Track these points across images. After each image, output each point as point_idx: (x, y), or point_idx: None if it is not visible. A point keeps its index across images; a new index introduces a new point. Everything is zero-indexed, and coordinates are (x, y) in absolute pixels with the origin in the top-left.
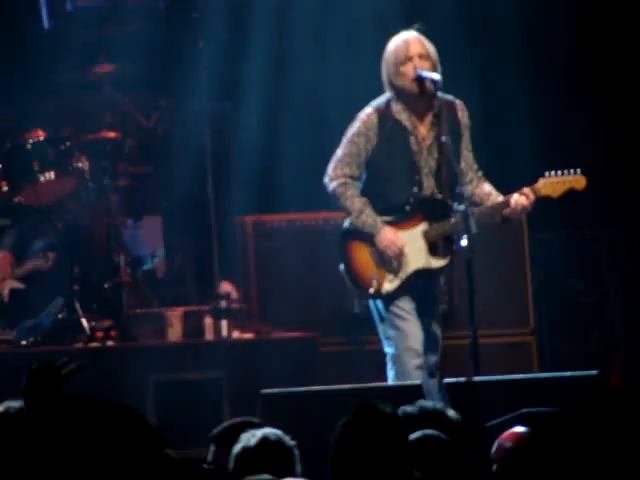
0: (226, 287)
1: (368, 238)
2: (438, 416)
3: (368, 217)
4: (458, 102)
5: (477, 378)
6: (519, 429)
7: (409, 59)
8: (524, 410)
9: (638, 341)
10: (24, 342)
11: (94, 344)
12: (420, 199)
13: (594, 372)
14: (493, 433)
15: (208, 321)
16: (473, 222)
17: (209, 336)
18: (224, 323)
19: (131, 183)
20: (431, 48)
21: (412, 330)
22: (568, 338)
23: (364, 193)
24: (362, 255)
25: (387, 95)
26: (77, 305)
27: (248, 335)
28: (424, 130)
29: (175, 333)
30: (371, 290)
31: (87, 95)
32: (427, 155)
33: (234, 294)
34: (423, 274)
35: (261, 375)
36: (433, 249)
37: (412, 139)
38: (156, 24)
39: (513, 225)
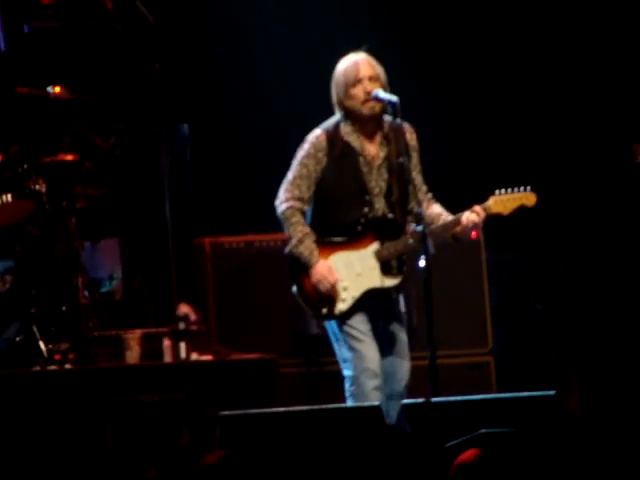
0: (184, 309)
1: (321, 258)
2: None
3: (305, 249)
4: (406, 125)
5: (435, 399)
6: (476, 450)
7: (359, 81)
8: (482, 430)
9: (595, 362)
10: None
11: (52, 367)
12: (371, 219)
13: (551, 393)
14: (452, 454)
15: (167, 343)
16: (431, 243)
17: (168, 358)
18: (183, 345)
19: (89, 205)
20: (380, 69)
21: (368, 351)
22: (526, 358)
23: (315, 214)
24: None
25: (336, 117)
26: (34, 328)
27: (207, 357)
28: (374, 150)
29: (133, 355)
30: (324, 311)
31: (45, 117)
32: (377, 176)
33: (193, 316)
34: (377, 294)
35: (220, 397)
36: (385, 268)
37: (361, 160)
38: (113, 47)
39: (470, 245)
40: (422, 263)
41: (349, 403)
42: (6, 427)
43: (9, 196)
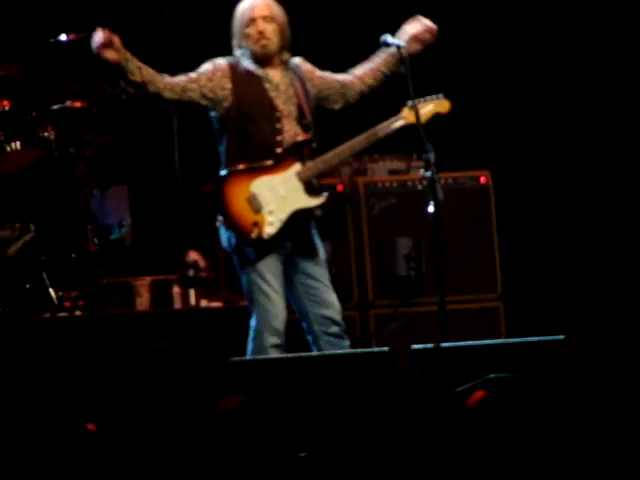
0: (194, 256)
1: (243, 185)
2: None
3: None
4: (296, 58)
5: (445, 344)
6: (484, 392)
7: (252, 21)
8: (491, 375)
9: (605, 305)
10: None
11: (62, 314)
12: (289, 143)
13: (561, 337)
14: (461, 398)
15: (176, 290)
16: (440, 188)
17: (177, 305)
18: (192, 292)
19: (97, 153)
20: (277, 10)
21: (274, 308)
22: (536, 303)
23: (231, 144)
24: (238, 203)
25: (235, 55)
26: (44, 275)
27: (216, 304)
28: (277, 76)
29: (143, 302)
30: (253, 235)
31: (53, 64)
32: (285, 99)
33: (202, 263)
34: (302, 215)
35: (229, 343)
36: (309, 189)
37: (267, 85)
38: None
39: (480, 190)
40: (431, 209)
41: (248, 355)
42: (16, 374)
43: (18, 143)
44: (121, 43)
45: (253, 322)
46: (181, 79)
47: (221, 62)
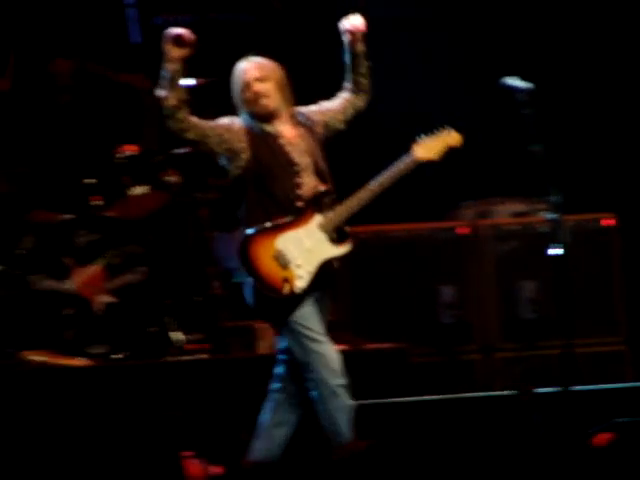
0: None
1: (268, 243)
2: None
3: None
4: (302, 109)
5: (572, 387)
6: (610, 435)
7: (247, 85)
8: (617, 419)
9: None
10: (116, 356)
11: (186, 357)
12: (308, 196)
13: None
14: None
15: None
16: (564, 231)
17: None
18: None
19: (221, 196)
20: (270, 67)
21: (329, 351)
22: None
23: (251, 202)
24: (266, 261)
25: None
26: (169, 318)
27: (340, 346)
28: (289, 132)
29: (265, 345)
30: (285, 291)
31: None
32: (299, 153)
33: None
34: (328, 266)
35: (354, 386)
36: (332, 238)
37: (281, 140)
38: (245, 38)
39: (604, 232)
40: (552, 251)
41: (320, 407)
42: (141, 416)
43: (143, 188)
44: (187, 54)
45: (311, 374)
46: (202, 123)
47: (236, 120)
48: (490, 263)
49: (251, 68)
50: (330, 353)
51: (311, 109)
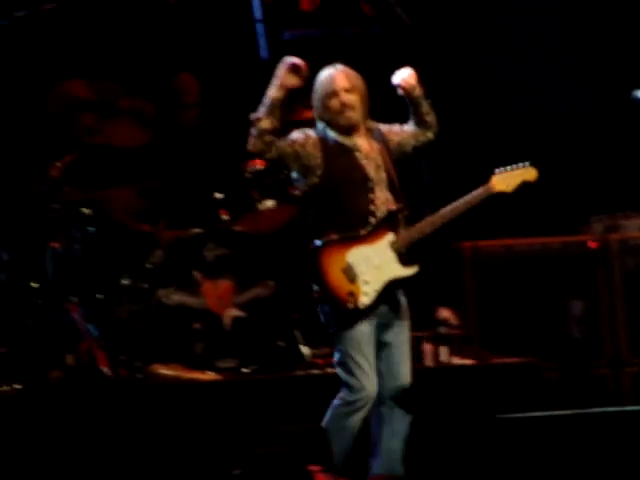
0: (445, 313)
1: (339, 256)
2: None
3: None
4: (378, 125)
5: None
6: None
7: (335, 94)
8: None
9: None
10: (245, 370)
11: (314, 371)
12: (382, 212)
13: None
14: None
15: (427, 347)
16: None
17: (429, 362)
18: (443, 349)
19: None
20: (357, 79)
21: (368, 384)
22: None
23: (323, 214)
24: (334, 273)
25: (318, 127)
26: (297, 333)
27: (468, 361)
28: (365, 145)
29: None
30: (349, 305)
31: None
32: (375, 167)
33: (453, 320)
34: (395, 286)
35: (482, 401)
36: (402, 258)
37: (357, 154)
38: (372, 52)
39: None
40: None
41: (333, 420)
42: (271, 429)
43: (271, 202)
44: (298, 85)
45: (342, 393)
46: (280, 143)
47: (311, 133)
48: (619, 277)
49: (340, 77)
50: (369, 384)
51: (385, 126)
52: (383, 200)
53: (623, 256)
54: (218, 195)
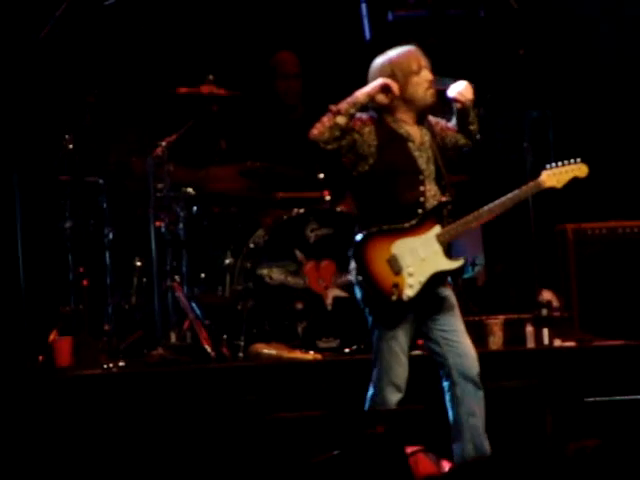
0: (547, 295)
1: (384, 246)
2: None
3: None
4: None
5: None
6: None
7: (421, 69)
8: None
9: None
10: (346, 350)
11: (415, 352)
12: (431, 204)
13: None
14: None
15: (529, 329)
16: None
17: (530, 344)
18: (545, 331)
19: (451, 192)
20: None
21: (399, 366)
22: None
23: (371, 202)
24: (379, 263)
25: (371, 112)
26: None
27: (570, 343)
28: (419, 136)
29: (496, 341)
30: (393, 297)
31: None
32: (426, 159)
33: (555, 302)
34: (439, 278)
35: (584, 384)
36: (447, 251)
37: (410, 145)
38: (477, 34)
39: None
40: None
41: (366, 403)
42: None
43: None
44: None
45: (375, 376)
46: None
47: (365, 117)
48: None
49: (421, 55)
50: (402, 370)
51: (433, 119)
52: (433, 193)
53: None
54: (320, 175)
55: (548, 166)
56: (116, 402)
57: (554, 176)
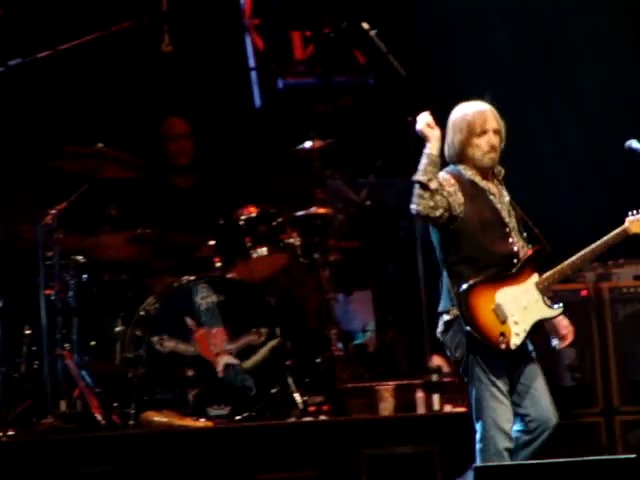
0: (437, 360)
1: (489, 296)
2: None
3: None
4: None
5: None
6: None
7: (484, 132)
8: None
9: None
10: (237, 417)
11: (307, 419)
12: (522, 254)
13: None
14: None
15: (420, 395)
16: None
17: (421, 410)
18: (436, 397)
19: (341, 258)
20: (502, 123)
21: (505, 412)
22: None
23: (465, 255)
24: (485, 313)
25: (450, 167)
26: (290, 379)
27: (460, 409)
28: (496, 190)
29: (387, 407)
30: (502, 346)
31: (298, 171)
32: (507, 212)
33: (445, 368)
34: (539, 326)
35: (473, 449)
36: (546, 299)
37: (492, 197)
38: (365, 100)
39: None
40: None
41: (478, 459)
42: (259, 476)
43: (264, 249)
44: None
45: (481, 428)
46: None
47: (447, 177)
48: (611, 326)
49: (491, 117)
50: (508, 415)
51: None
52: (521, 244)
53: (614, 304)
54: (211, 242)
55: (630, 213)
56: (5, 471)
57: (638, 222)
